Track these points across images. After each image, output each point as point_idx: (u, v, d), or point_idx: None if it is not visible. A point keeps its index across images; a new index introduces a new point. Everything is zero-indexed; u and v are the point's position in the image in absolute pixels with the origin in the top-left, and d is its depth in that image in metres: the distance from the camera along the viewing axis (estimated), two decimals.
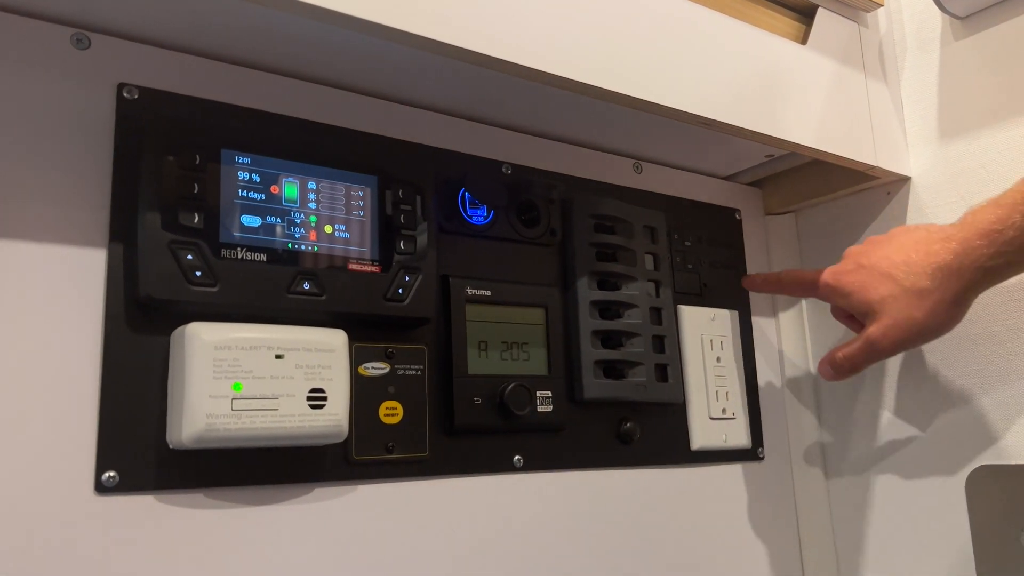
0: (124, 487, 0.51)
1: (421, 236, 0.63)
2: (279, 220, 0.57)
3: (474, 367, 0.66)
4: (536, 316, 0.71)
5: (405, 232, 0.62)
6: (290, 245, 0.57)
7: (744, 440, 0.83)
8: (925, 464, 0.79)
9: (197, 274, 0.53)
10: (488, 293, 0.68)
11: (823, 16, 0.77)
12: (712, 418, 0.81)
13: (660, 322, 0.78)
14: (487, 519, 0.66)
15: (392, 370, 0.63)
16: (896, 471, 0.82)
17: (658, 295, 0.79)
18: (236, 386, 0.52)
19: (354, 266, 0.60)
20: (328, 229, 0.59)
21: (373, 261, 0.61)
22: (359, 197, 0.61)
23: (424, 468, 0.63)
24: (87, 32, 0.55)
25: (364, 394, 0.61)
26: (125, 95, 0.56)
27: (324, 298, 0.58)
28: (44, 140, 0.53)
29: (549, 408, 0.69)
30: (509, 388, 0.67)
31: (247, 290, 0.55)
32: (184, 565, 0.53)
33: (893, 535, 0.82)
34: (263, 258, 0.56)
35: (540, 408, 0.69)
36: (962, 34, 0.79)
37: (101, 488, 0.51)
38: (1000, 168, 0.75)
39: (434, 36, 0.52)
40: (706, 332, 0.83)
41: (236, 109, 0.60)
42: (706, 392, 0.81)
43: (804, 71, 0.74)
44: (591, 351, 0.73)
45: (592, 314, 0.74)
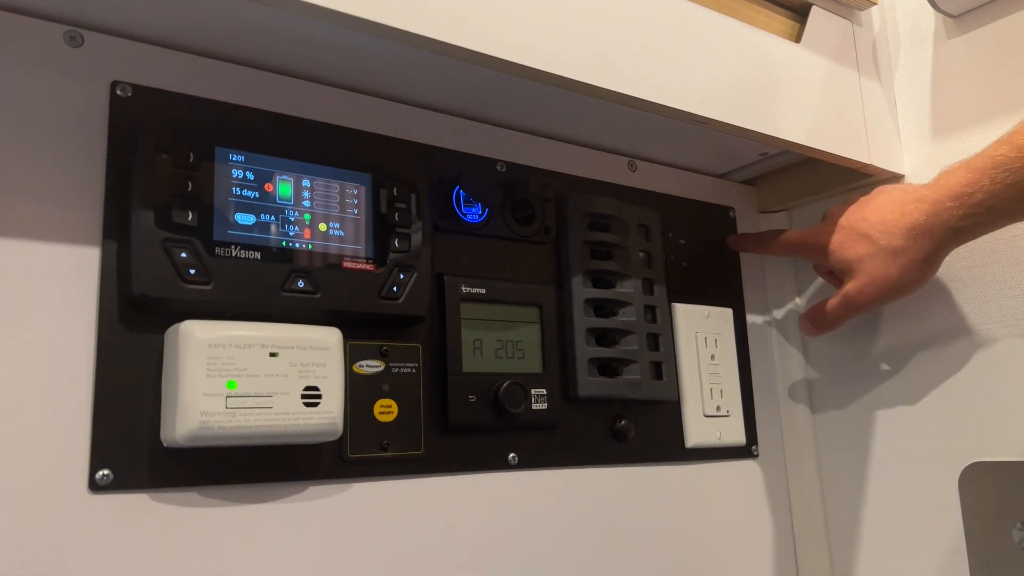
0: (118, 485, 0.51)
1: (416, 234, 0.63)
2: (273, 218, 0.57)
3: (469, 365, 0.66)
4: (531, 314, 0.71)
5: (400, 230, 0.62)
6: (284, 243, 0.57)
7: (738, 437, 0.84)
8: (918, 461, 0.79)
9: (191, 272, 0.53)
10: (483, 291, 0.68)
11: (817, 14, 0.77)
12: (706, 415, 0.81)
13: (654, 320, 0.78)
14: (482, 517, 0.66)
15: (387, 368, 0.63)
16: (890, 468, 0.82)
17: (652, 293, 0.79)
18: (230, 384, 0.52)
19: (348, 264, 0.60)
20: (322, 227, 0.59)
21: (368, 259, 0.61)
22: (353, 195, 0.61)
23: (419, 466, 0.63)
24: (80, 29, 0.55)
25: (359, 392, 0.61)
26: (118, 93, 0.55)
27: (318, 296, 0.57)
28: (37, 138, 0.53)
29: (544, 406, 0.69)
30: (504, 386, 0.67)
31: (241, 288, 0.55)
32: (178, 563, 0.53)
33: (887, 532, 0.82)
34: (257, 256, 0.56)
35: (535, 406, 0.69)
36: (955, 32, 0.79)
37: (95, 486, 0.51)
38: None
39: (428, 34, 0.52)
40: (700, 330, 0.83)
41: (230, 107, 0.60)
42: (700, 390, 0.81)
43: (798, 69, 0.75)
44: (585, 349, 0.73)
45: (586, 312, 0.74)
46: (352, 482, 0.60)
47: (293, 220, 0.58)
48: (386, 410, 0.62)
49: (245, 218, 0.56)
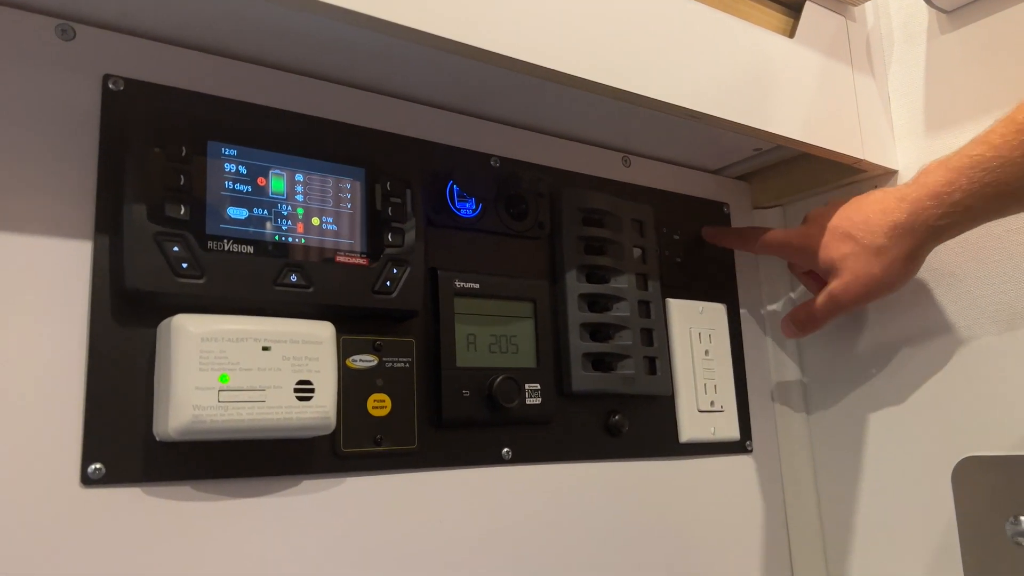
0: (110, 479, 0.51)
1: (409, 229, 0.63)
2: (266, 212, 0.57)
3: (462, 360, 0.66)
4: (524, 309, 0.71)
5: (393, 225, 0.62)
6: (277, 237, 0.57)
7: (732, 433, 0.84)
8: (912, 456, 0.80)
9: (183, 266, 0.53)
10: (476, 286, 0.68)
11: (811, 10, 0.77)
12: (700, 411, 0.81)
13: (648, 315, 0.78)
14: (476, 511, 0.66)
15: (380, 363, 0.63)
16: (883, 463, 0.82)
17: (646, 288, 0.79)
18: (223, 378, 0.52)
19: (342, 258, 0.59)
20: (315, 221, 0.59)
21: (361, 253, 0.61)
22: (347, 189, 0.61)
23: (413, 460, 0.63)
24: (72, 23, 0.55)
25: (352, 386, 0.61)
26: (111, 86, 0.55)
27: (311, 290, 0.57)
28: (29, 132, 0.52)
29: (537, 401, 0.69)
30: (498, 381, 0.67)
31: (234, 282, 0.55)
32: (171, 557, 0.53)
33: (880, 526, 0.82)
34: (250, 250, 0.56)
35: (528, 401, 0.69)
36: (948, 28, 0.79)
37: (87, 480, 0.51)
38: None
39: (422, 28, 0.52)
40: (694, 325, 0.83)
41: (223, 101, 0.59)
42: (694, 385, 0.81)
43: (792, 65, 0.75)
44: (579, 344, 0.73)
45: (580, 307, 0.74)
46: (345, 476, 0.60)
47: (286, 214, 0.58)
48: (379, 404, 0.62)
49: (238, 212, 0.56)
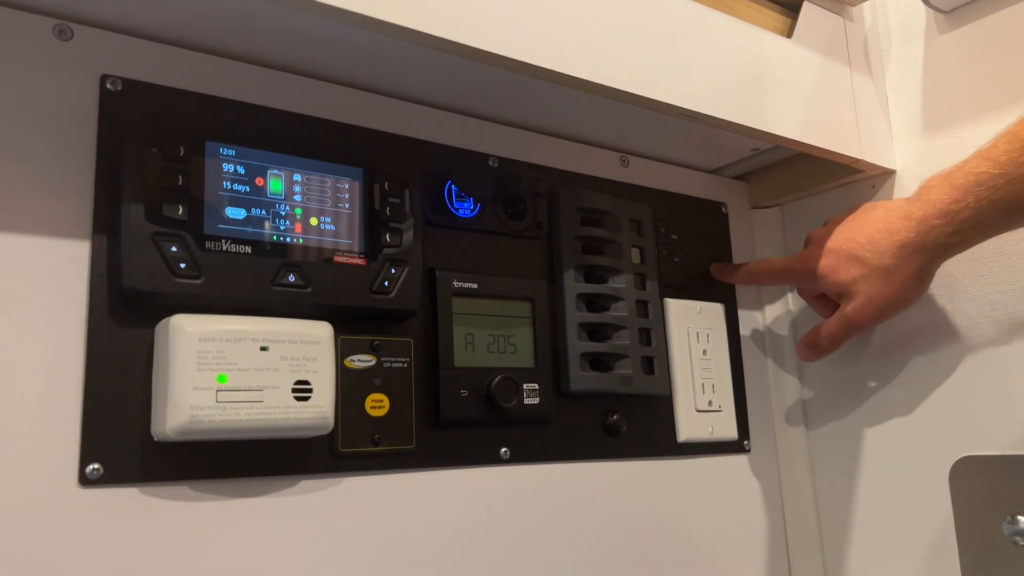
0: (108, 479, 0.51)
1: (407, 229, 0.63)
2: (264, 212, 0.57)
3: (461, 360, 0.66)
4: (523, 309, 0.71)
5: (391, 225, 0.62)
6: (275, 237, 0.57)
7: (730, 432, 0.84)
8: (909, 455, 0.80)
9: (181, 266, 0.53)
10: (474, 286, 0.68)
11: (808, 10, 0.77)
12: (698, 410, 0.81)
13: (646, 315, 0.78)
14: (474, 511, 0.66)
15: (378, 363, 0.63)
16: (881, 463, 0.82)
17: (644, 288, 0.79)
18: (221, 378, 0.52)
19: (340, 259, 0.59)
20: (314, 221, 0.59)
21: (359, 254, 0.61)
22: (345, 190, 0.61)
23: (411, 460, 0.63)
24: (70, 23, 0.55)
25: (350, 386, 0.61)
26: (108, 87, 0.55)
27: (309, 290, 0.57)
28: (26, 132, 0.52)
29: (536, 400, 0.70)
30: (496, 380, 0.67)
31: (232, 282, 0.55)
32: (169, 557, 0.53)
33: (878, 526, 0.82)
34: (248, 250, 0.56)
35: (527, 400, 0.69)
36: (946, 28, 0.80)
37: (85, 480, 0.51)
38: None
39: (421, 28, 0.52)
40: (692, 325, 0.83)
41: (221, 101, 0.59)
42: (692, 384, 0.81)
43: (790, 65, 0.75)
44: (577, 343, 0.73)
45: (578, 307, 0.74)
46: (343, 476, 0.60)
47: (284, 214, 0.58)
48: (377, 404, 0.62)
49: (236, 212, 0.56)
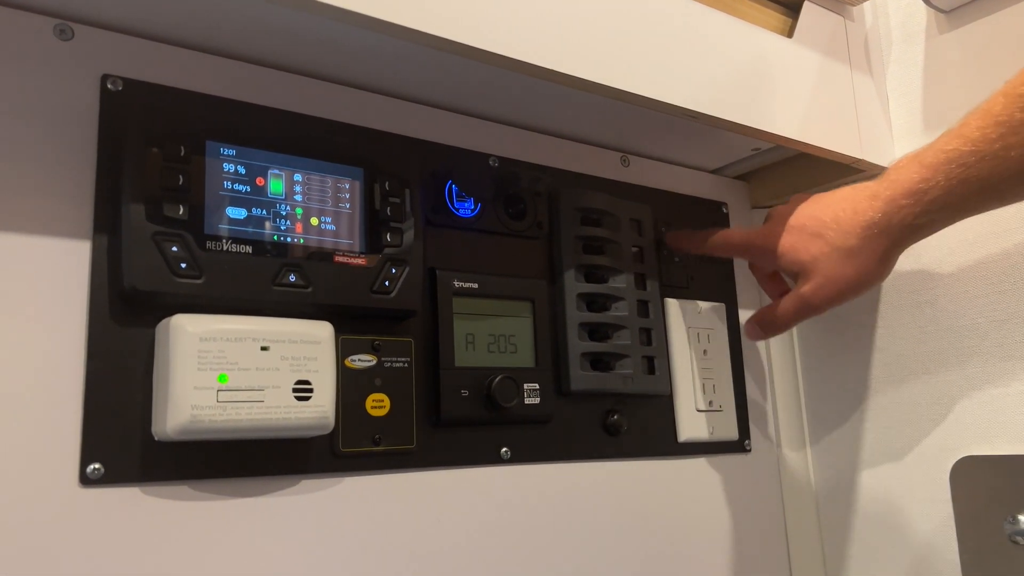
0: (109, 479, 0.51)
1: (408, 228, 0.63)
2: (265, 212, 0.57)
3: (461, 359, 0.66)
4: (523, 309, 0.71)
5: (392, 224, 0.62)
6: (276, 237, 0.57)
7: (731, 432, 0.84)
8: (910, 455, 0.80)
9: (182, 266, 0.53)
10: (475, 286, 0.68)
11: (809, 10, 0.77)
12: (699, 410, 0.81)
13: (647, 314, 0.78)
14: (474, 511, 0.66)
15: (379, 362, 0.63)
16: (881, 462, 0.82)
17: (645, 287, 0.79)
18: (221, 378, 0.52)
19: (340, 258, 0.59)
20: (314, 221, 0.59)
21: (359, 253, 0.61)
22: (345, 189, 0.61)
23: (411, 460, 0.63)
24: (70, 23, 0.55)
25: (351, 386, 0.61)
26: (109, 86, 0.55)
27: (310, 290, 0.57)
28: (27, 132, 0.52)
29: (536, 400, 0.70)
30: (496, 380, 0.67)
31: (232, 282, 0.55)
32: (170, 557, 0.53)
33: (879, 525, 0.82)
34: (248, 250, 0.56)
35: (527, 400, 0.69)
36: (947, 28, 0.80)
37: (86, 480, 0.51)
38: None
39: (421, 28, 0.52)
40: (693, 324, 0.83)
41: (221, 101, 0.59)
42: (693, 384, 0.81)
43: (790, 64, 0.75)
44: (578, 343, 0.73)
45: (579, 306, 0.74)
46: (344, 476, 0.60)
47: (285, 214, 0.58)
48: (378, 404, 0.62)
49: (236, 212, 0.56)
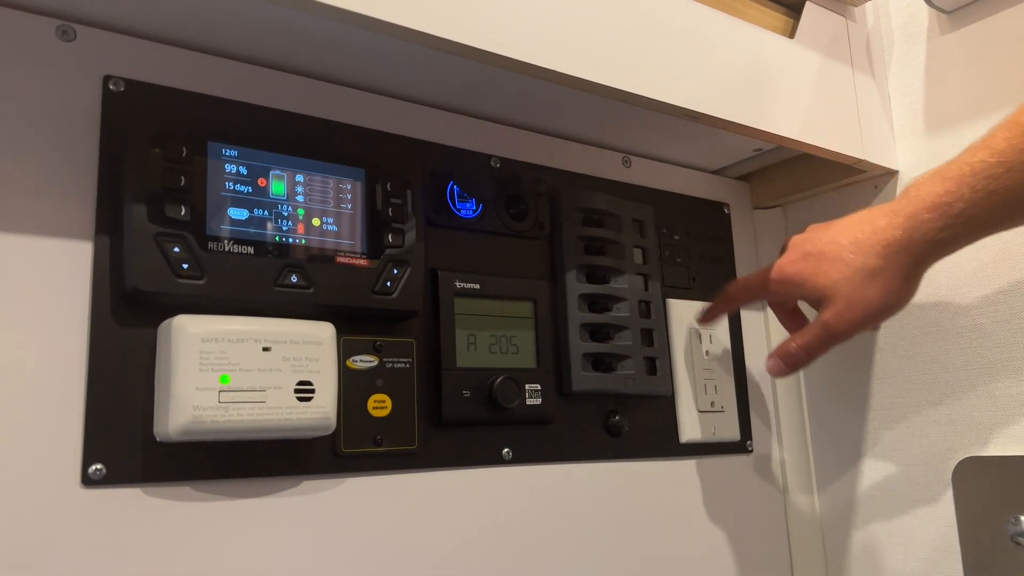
0: (111, 480, 0.51)
1: (409, 229, 0.63)
2: (266, 213, 0.57)
3: (463, 360, 0.66)
4: (525, 309, 0.71)
5: (393, 225, 0.62)
6: (277, 238, 0.57)
7: (733, 433, 0.84)
8: (912, 456, 0.80)
9: (184, 266, 0.53)
10: (477, 286, 0.69)
11: (811, 10, 0.77)
12: (701, 411, 0.81)
13: (649, 315, 0.78)
14: (476, 512, 0.66)
15: (380, 363, 0.63)
16: (883, 463, 0.82)
17: (647, 288, 0.79)
18: (223, 378, 0.52)
19: (342, 259, 0.60)
20: (316, 222, 0.59)
21: (361, 254, 0.61)
22: (347, 190, 0.61)
23: (413, 461, 0.63)
24: (72, 24, 0.55)
25: (352, 387, 0.61)
26: (111, 87, 0.55)
27: (312, 291, 0.57)
28: (29, 133, 0.52)
29: (538, 401, 0.69)
30: (498, 381, 0.67)
31: (234, 283, 0.55)
32: (171, 558, 0.53)
33: (880, 526, 0.82)
34: (250, 251, 0.56)
35: (529, 401, 0.69)
36: (948, 28, 0.79)
37: (88, 481, 0.51)
38: None
39: (422, 29, 0.52)
40: (694, 325, 0.83)
41: (223, 102, 0.59)
42: (694, 385, 0.81)
43: (792, 65, 0.75)
44: (580, 344, 0.73)
45: (580, 307, 0.74)
46: (346, 477, 0.60)
47: (286, 215, 0.58)
48: (380, 405, 0.62)
49: (238, 213, 0.56)
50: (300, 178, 0.59)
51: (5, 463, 0.49)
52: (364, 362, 0.62)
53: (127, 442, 0.52)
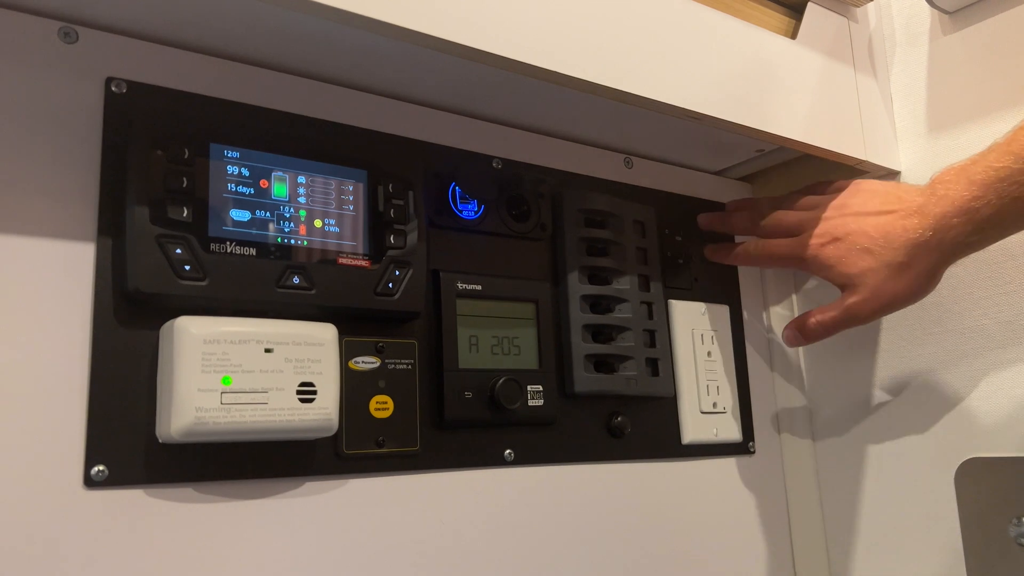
0: (113, 481, 0.51)
1: (411, 230, 0.63)
2: (268, 214, 0.57)
3: (465, 361, 0.66)
4: (527, 310, 0.71)
5: (395, 226, 0.62)
6: (280, 239, 0.57)
7: (735, 434, 0.84)
8: (915, 457, 0.79)
9: (186, 268, 0.53)
10: (479, 287, 0.68)
11: (813, 11, 0.77)
12: (703, 412, 0.81)
13: (651, 316, 0.78)
14: (478, 513, 0.66)
15: (383, 364, 0.63)
16: (886, 464, 0.82)
17: (648, 289, 0.79)
18: (225, 380, 0.52)
19: (344, 260, 0.60)
20: (318, 223, 0.59)
21: (363, 255, 0.61)
22: (349, 192, 0.61)
23: (415, 462, 0.63)
24: (74, 26, 0.55)
25: (354, 388, 0.61)
26: (113, 89, 0.55)
27: (314, 292, 0.57)
28: (31, 134, 0.52)
29: (540, 402, 0.69)
30: (500, 382, 0.67)
31: (236, 284, 0.55)
32: (174, 559, 0.53)
33: (883, 527, 0.82)
34: (252, 252, 0.56)
35: (531, 402, 0.69)
36: (951, 29, 0.79)
37: (90, 482, 0.51)
38: None
39: (422, 30, 0.52)
40: (697, 326, 0.83)
41: (225, 103, 0.59)
42: (697, 386, 0.81)
43: (794, 66, 0.75)
44: (582, 345, 0.73)
45: (583, 308, 0.74)
46: (348, 478, 0.60)
47: (288, 216, 0.58)
48: (382, 406, 0.62)
49: (240, 214, 0.56)
50: (302, 179, 0.59)
51: (7, 464, 0.49)
52: (366, 363, 0.62)
53: (129, 443, 0.52)
